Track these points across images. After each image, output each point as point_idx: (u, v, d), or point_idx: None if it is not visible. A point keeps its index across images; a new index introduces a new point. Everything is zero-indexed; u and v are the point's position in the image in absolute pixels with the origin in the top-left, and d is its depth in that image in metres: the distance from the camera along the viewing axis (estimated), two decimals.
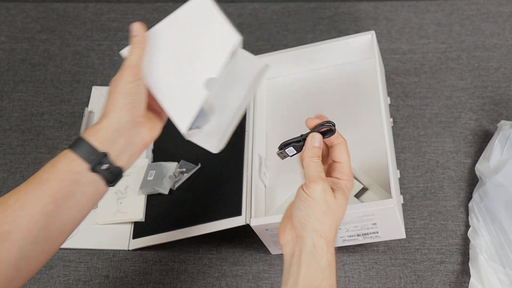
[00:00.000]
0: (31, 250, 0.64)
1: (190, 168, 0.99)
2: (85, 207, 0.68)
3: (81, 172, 0.66)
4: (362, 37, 0.98)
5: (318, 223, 0.65)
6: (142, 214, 0.98)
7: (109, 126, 0.68)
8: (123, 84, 0.68)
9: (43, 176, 0.66)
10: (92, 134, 0.67)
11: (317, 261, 0.64)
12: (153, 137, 0.72)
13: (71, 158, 0.66)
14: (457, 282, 0.89)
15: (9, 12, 1.27)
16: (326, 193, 0.65)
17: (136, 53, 0.69)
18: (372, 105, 0.95)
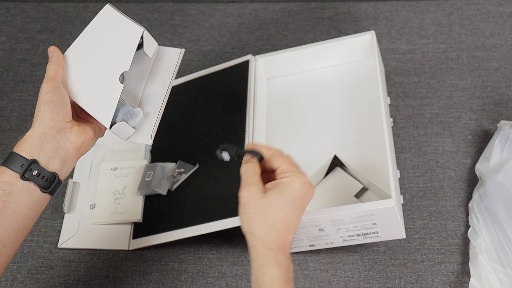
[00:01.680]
0: None
1: (188, 168, 0.99)
2: (23, 216, 0.70)
3: (12, 182, 0.69)
4: (362, 37, 0.98)
5: (248, 225, 0.70)
6: (139, 215, 0.98)
7: (33, 135, 0.72)
8: (43, 95, 0.74)
9: None
10: (20, 145, 0.72)
11: (254, 259, 0.70)
12: (83, 141, 0.75)
13: (1, 171, 0.70)
14: (457, 282, 0.89)
15: (9, 12, 1.27)
16: (252, 196, 0.70)
17: (51, 68, 0.76)
18: (372, 105, 0.95)
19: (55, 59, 0.77)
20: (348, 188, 0.94)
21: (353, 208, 0.81)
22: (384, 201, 0.80)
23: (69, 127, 0.74)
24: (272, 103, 1.03)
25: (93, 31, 0.80)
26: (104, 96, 0.77)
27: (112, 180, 1.01)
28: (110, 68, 0.78)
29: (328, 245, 0.89)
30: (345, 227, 0.84)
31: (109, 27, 0.80)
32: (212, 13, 1.25)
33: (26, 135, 0.72)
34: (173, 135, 1.05)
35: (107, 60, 0.79)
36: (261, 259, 0.69)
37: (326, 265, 0.92)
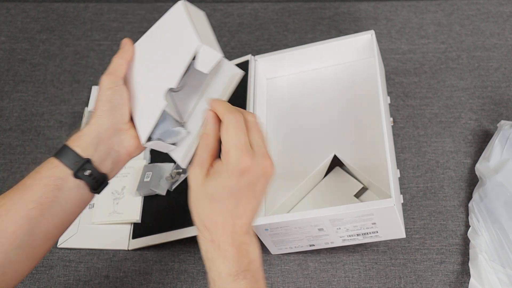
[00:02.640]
0: (16, 255, 0.65)
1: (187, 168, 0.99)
2: (70, 213, 0.69)
3: (64, 178, 0.67)
4: (362, 37, 0.98)
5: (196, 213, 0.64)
6: (138, 216, 0.98)
7: (90, 133, 0.69)
8: (102, 91, 0.71)
9: (27, 183, 0.67)
10: (75, 140, 0.69)
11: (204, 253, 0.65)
12: (137, 146, 0.72)
13: (54, 165, 0.68)
14: (457, 282, 0.89)
15: (9, 12, 1.27)
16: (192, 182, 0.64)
17: (116, 62, 0.72)
18: (372, 105, 0.95)
19: (123, 53, 0.73)
20: (348, 188, 0.94)
21: (353, 207, 0.81)
22: (383, 201, 0.80)
23: (125, 129, 0.71)
24: (272, 103, 1.03)
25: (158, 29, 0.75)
26: (148, 109, 0.72)
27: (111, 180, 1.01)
28: (159, 80, 0.72)
29: (328, 245, 0.89)
30: (344, 227, 0.84)
31: (171, 30, 0.73)
32: (212, 13, 1.25)
33: (83, 132, 0.69)
34: None
35: (159, 70, 0.73)
36: (204, 254, 0.64)
37: (326, 265, 0.92)
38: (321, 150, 0.94)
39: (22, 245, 0.65)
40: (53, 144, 1.08)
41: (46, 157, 1.06)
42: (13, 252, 0.64)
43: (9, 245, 0.64)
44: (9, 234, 0.64)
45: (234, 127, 0.62)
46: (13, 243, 0.64)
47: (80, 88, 1.15)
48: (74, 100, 1.14)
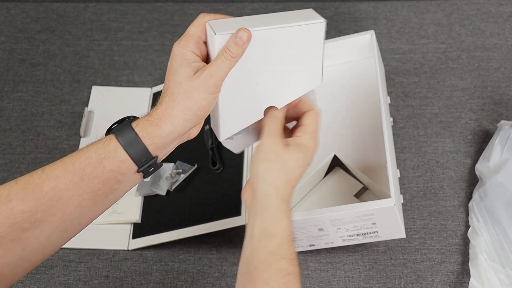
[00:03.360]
0: (58, 237, 0.63)
1: (186, 169, 0.99)
2: (119, 197, 0.67)
3: (128, 173, 0.64)
4: (362, 36, 0.98)
5: (267, 171, 0.66)
6: (138, 216, 0.98)
7: (169, 135, 0.64)
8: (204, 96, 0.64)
9: (87, 170, 0.62)
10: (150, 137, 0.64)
11: (267, 208, 0.65)
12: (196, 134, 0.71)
13: (122, 159, 0.63)
14: (457, 282, 0.89)
15: (9, 12, 1.27)
16: (275, 146, 0.67)
17: (228, 65, 0.64)
18: (372, 105, 0.95)
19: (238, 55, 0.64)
20: (348, 188, 0.94)
21: (353, 207, 0.81)
22: (383, 201, 0.80)
23: None
24: None
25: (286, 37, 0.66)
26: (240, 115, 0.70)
27: None
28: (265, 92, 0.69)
29: (328, 245, 0.89)
30: (344, 227, 0.84)
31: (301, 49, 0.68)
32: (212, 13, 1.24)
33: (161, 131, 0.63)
34: None
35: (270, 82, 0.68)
36: (275, 209, 0.64)
37: (326, 265, 0.92)
38: (321, 150, 0.94)
39: (66, 229, 0.63)
40: (53, 144, 1.08)
41: (46, 157, 1.07)
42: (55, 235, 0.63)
43: (54, 229, 0.62)
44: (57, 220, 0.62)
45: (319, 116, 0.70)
46: (58, 228, 0.62)
47: (80, 88, 1.15)
48: (74, 100, 1.14)
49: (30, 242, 0.61)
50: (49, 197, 0.61)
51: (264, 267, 0.62)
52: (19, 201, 0.60)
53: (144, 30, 1.22)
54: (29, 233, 0.61)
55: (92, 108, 1.11)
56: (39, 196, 0.61)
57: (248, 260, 0.64)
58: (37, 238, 0.61)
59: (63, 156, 0.65)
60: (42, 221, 0.61)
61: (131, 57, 1.19)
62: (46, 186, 0.61)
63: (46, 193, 0.61)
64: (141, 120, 0.65)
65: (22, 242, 0.61)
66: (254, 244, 0.64)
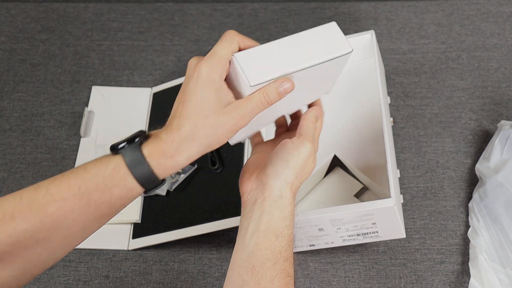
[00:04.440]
0: (60, 252, 0.63)
1: (186, 169, 0.99)
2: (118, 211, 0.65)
3: (134, 196, 0.62)
4: (362, 36, 0.98)
5: (293, 177, 0.66)
6: (138, 216, 0.98)
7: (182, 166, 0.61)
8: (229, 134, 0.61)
9: (94, 196, 0.59)
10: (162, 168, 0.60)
11: (280, 209, 0.65)
12: None
13: (131, 187, 0.60)
14: (457, 282, 0.89)
15: (9, 12, 1.27)
16: (311, 155, 0.67)
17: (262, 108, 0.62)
18: (372, 105, 0.95)
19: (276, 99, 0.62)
20: (348, 188, 0.94)
21: (353, 207, 0.81)
22: (383, 201, 0.80)
23: None
24: None
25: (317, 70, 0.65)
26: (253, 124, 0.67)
27: None
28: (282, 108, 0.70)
29: (328, 245, 0.89)
30: (344, 227, 0.84)
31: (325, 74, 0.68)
32: (212, 13, 1.25)
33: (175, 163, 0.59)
34: None
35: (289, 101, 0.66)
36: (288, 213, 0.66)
37: (326, 265, 0.92)
38: (321, 150, 0.94)
39: (70, 244, 0.63)
40: (53, 144, 1.08)
41: (46, 157, 1.07)
42: (58, 251, 0.63)
43: (57, 245, 0.61)
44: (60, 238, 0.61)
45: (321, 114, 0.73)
46: (62, 243, 0.62)
47: (80, 88, 1.15)
48: (74, 100, 1.14)
49: (32, 259, 0.61)
50: (53, 218, 0.59)
51: (270, 265, 0.63)
52: (23, 220, 0.59)
53: (144, 30, 1.22)
54: (32, 250, 0.60)
55: (92, 108, 1.11)
56: (43, 216, 0.59)
57: (251, 253, 0.64)
58: (39, 255, 0.61)
59: (63, 156, 0.65)
60: (45, 240, 0.60)
61: (131, 57, 1.19)
62: (50, 207, 0.59)
63: (51, 214, 0.59)
64: (153, 145, 0.60)
65: (24, 258, 0.61)
66: (259, 239, 0.64)
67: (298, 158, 0.66)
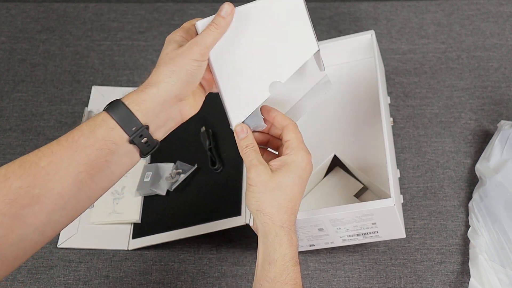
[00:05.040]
0: (58, 216, 0.63)
1: (186, 169, 0.99)
2: (116, 176, 0.67)
3: (119, 143, 0.65)
4: (362, 36, 0.98)
5: (258, 203, 0.69)
6: (138, 216, 0.98)
7: (154, 99, 0.65)
8: (188, 61, 0.66)
9: (80, 141, 0.63)
10: (136, 103, 0.65)
11: (266, 236, 0.69)
12: (192, 113, 0.71)
13: (111, 127, 0.64)
14: (457, 282, 0.89)
15: (9, 12, 1.27)
16: (261, 176, 0.69)
17: (213, 35, 0.67)
18: (372, 105, 0.95)
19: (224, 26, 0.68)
20: (348, 188, 0.94)
21: (353, 207, 0.81)
22: (383, 201, 0.80)
23: (187, 98, 0.69)
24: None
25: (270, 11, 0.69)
26: (246, 96, 0.71)
27: None
28: (267, 69, 0.70)
29: (328, 245, 0.89)
30: (344, 227, 0.84)
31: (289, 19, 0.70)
32: (212, 13, 1.24)
33: (148, 94, 0.65)
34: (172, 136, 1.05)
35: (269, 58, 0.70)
36: (273, 237, 0.68)
37: (326, 265, 0.92)
38: (321, 150, 0.94)
39: (65, 207, 0.63)
40: None
41: None
42: (56, 213, 0.63)
43: (53, 205, 0.62)
44: (55, 196, 0.62)
45: (296, 128, 0.72)
46: (57, 204, 0.63)
47: (80, 88, 1.15)
48: (74, 100, 1.14)
49: (30, 220, 0.61)
50: (45, 171, 0.62)
51: None
52: (16, 178, 0.61)
53: (144, 30, 1.22)
54: (29, 209, 0.61)
55: (92, 108, 1.11)
56: (35, 171, 0.61)
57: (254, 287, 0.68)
58: (37, 216, 0.61)
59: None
60: (40, 197, 0.61)
61: (131, 57, 1.18)
62: (42, 162, 0.62)
63: (43, 167, 0.62)
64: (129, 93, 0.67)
65: (22, 220, 0.61)
66: (258, 272, 0.69)
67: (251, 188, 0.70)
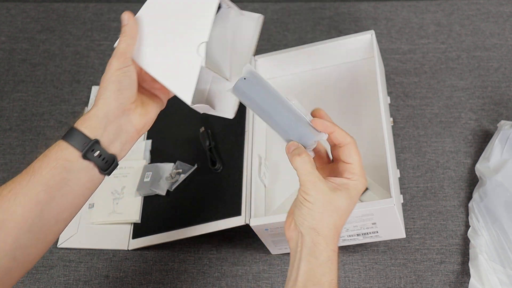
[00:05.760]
0: (26, 239, 0.64)
1: (186, 169, 0.99)
2: (79, 195, 0.69)
3: (73, 160, 0.67)
4: (362, 36, 0.98)
5: (315, 222, 0.65)
6: (138, 216, 0.98)
7: (98, 114, 0.68)
8: (111, 72, 0.70)
9: (36, 166, 0.67)
10: (82, 122, 0.68)
11: (316, 257, 0.64)
12: (145, 123, 0.73)
13: (63, 147, 0.67)
14: (457, 282, 0.89)
15: (9, 12, 1.27)
16: (321, 194, 0.65)
17: (124, 42, 0.71)
18: (372, 104, 0.95)
19: (130, 30, 0.72)
20: None
21: None
22: (383, 201, 0.80)
23: (133, 108, 0.71)
24: None
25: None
26: (183, 70, 0.71)
27: (111, 180, 1.01)
28: (187, 38, 0.71)
29: None
30: (344, 227, 0.84)
31: None
32: None
33: (90, 113, 0.69)
34: (172, 136, 1.05)
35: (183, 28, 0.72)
36: (325, 259, 0.65)
37: None
38: None
39: (32, 229, 0.65)
40: None
41: None
42: (23, 236, 0.64)
43: (19, 229, 0.64)
44: (18, 218, 0.64)
45: (356, 147, 0.69)
46: (23, 227, 0.64)
47: (80, 88, 1.15)
48: (74, 100, 1.14)
49: None
50: (7, 198, 0.64)
51: None
52: None
53: None
54: None
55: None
56: None
57: None
58: (4, 240, 0.63)
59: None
60: (5, 221, 0.63)
61: None
62: (4, 191, 0.65)
63: (5, 195, 0.64)
64: None
65: None
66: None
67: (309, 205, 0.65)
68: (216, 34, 0.75)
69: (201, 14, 0.71)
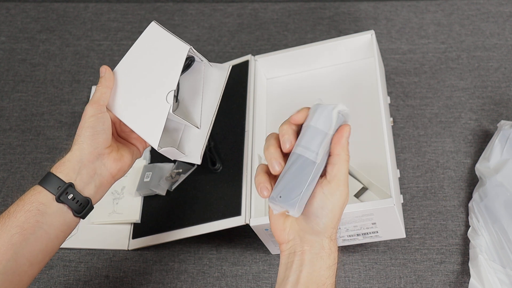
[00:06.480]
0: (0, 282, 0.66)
1: (186, 168, 0.99)
2: (54, 238, 0.71)
3: (47, 203, 0.70)
4: (362, 36, 0.98)
5: (332, 229, 0.65)
6: (138, 216, 0.98)
7: (72, 159, 0.72)
8: (85, 119, 0.74)
9: (11, 210, 0.69)
10: (58, 167, 0.72)
11: (323, 260, 0.65)
12: (119, 168, 0.76)
13: (37, 191, 0.70)
14: (457, 282, 0.89)
15: (9, 12, 1.27)
16: (346, 200, 0.66)
17: (99, 91, 0.76)
18: (372, 105, 0.95)
19: (105, 81, 0.77)
20: None
21: (353, 207, 0.81)
22: (383, 201, 0.80)
23: (107, 153, 0.74)
24: (272, 103, 1.03)
25: (140, 49, 0.80)
26: (152, 118, 0.76)
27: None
28: (158, 87, 0.77)
29: None
30: (344, 227, 0.84)
31: (155, 45, 0.79)
32: (212, 13, 1.25)
33: (65, 158, 0.72)
34: None
35: (155, 80, 0.77)
36: (331, 262, 0.65)
37: None
38: None
39: (5, 271, 0.66)
40: (53, 144, 1.08)
41: (46, 157, 1.07)
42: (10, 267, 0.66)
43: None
44: None
45: (347, 163, 0.68)
46: None
47: (80, 88, 1.15)
48: (74, 100, 1.14)
49: None
50: None
51: None
52: None
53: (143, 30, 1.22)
54: None
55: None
56: None
57: None
58: None
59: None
60: None
61: None
62: None
63: None
64: None
65: None
66: None
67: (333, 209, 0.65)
68: (189, 86, 0.81)
69: (171, 67, 0.76)
